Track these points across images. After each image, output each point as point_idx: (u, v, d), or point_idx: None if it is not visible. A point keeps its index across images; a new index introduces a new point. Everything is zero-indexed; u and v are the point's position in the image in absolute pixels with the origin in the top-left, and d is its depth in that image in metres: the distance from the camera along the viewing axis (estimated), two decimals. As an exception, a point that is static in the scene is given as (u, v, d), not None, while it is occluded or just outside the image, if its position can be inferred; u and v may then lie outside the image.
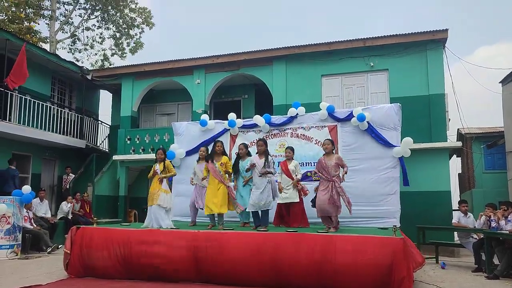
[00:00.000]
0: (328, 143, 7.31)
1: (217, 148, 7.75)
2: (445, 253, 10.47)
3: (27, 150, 13.40)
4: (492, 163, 16.12)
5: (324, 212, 7.07)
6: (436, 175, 11.39)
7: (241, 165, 8.03)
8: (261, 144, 7.71)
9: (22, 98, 12.53)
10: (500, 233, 7.80)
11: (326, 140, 7.46)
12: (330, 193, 6.96)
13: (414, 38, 12.08)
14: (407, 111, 10.57)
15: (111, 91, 17.04)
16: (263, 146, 7.69)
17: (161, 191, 7.54)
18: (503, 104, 13.61)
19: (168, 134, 13.77)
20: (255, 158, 7.69)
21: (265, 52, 13.39)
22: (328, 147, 7.25)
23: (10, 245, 9.23)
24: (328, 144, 7.30)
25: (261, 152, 7.66)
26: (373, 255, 5.75)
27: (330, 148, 7.26)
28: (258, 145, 7.76)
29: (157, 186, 7.58)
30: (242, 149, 8.12)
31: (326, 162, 7.18)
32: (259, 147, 7.71)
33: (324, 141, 7.48)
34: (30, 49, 12.80)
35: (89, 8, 22.47)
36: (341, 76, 12.85)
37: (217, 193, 7.48)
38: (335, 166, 7.12)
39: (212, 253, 6.38)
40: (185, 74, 14.43)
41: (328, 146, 7.27)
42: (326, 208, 6.99)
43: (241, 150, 8.12)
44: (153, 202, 7.53)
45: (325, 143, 7.37)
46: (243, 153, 8.11)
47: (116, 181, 14.75)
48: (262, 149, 7.66)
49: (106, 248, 6.83)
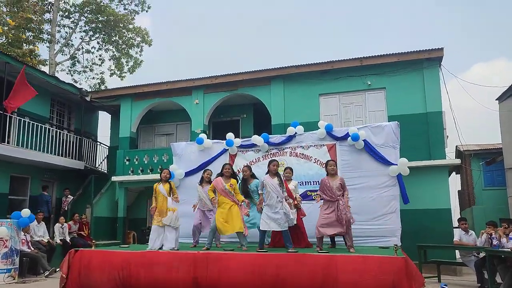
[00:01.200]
0: (334, 164, 7.44)
1: (225, 170, 7.70)
2: (447, 272, 10.37)
3: (25, 172, 13.36)
4: (492, 180, 16.09)
5: (328, 231, 7.04)
6: (436, 193, 11.37)
7: (250, 187, 7.98)
8: (275, 165, 7.62)
9: (21, 120, 12.56)
10: (502, 251, 7.75)
11: (331, 161, 7.57)
12: (337, 212, 6.97)
13: (410, 56, 12.21)
14: (405, 129, 10.60)
15: (110, 112, 17.10)
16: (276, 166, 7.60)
17: (168, 210, 7.51)
18: (500, 121, 13.67)
19: (167, 154, 13.77)
20: (267, 178, 7.51)
21: (263, 72, 13.50)
22: (335, 169, 7.39)
23: (8, 269, 9.12)
24: (333, 165, 7.43)
25: (274, 173, 7.54)
26: (375, 274, 5.69)
27: (336, 170, 7.41)
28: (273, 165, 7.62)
29: (163, 206, 7.56)
30: (246, 171, 8.08)
31: (330, 182, 7.22)
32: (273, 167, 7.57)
33: (330, 162, 7.55)
34: (30, 71, 12.89)
35: (89, 30, 22.74)
36: (338, 95, 12.94)
37: (231, 214, 7.35)
38: (339, 186, 7.18)
39: (212, 275, 6.32)
40: (183, 94, 14.51)
41: (334, 168, 7.40)
42: (334, 226, 6.98)
43: (245, 172, 8.08)
44: (160, 222, 7.49)
45: (331, 164, 7.46)
46: (247, 175, 8.07)
47: (115, 202, 14.67)
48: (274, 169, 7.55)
49: (105, 271, 6.76)
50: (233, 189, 7.52)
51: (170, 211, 7.48)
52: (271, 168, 7.56)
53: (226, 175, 7.65)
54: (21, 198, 13.37)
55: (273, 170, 7.53)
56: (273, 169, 7.54)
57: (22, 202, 13.34)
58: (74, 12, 22.30)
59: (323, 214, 7.17)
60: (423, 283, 6.75)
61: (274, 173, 7.52)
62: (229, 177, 7.66)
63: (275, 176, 7.49)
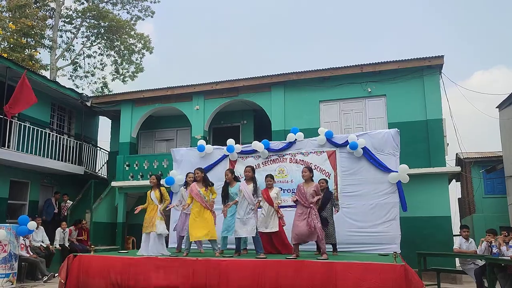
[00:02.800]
0: (306, 171, 7.38)
1: (197, 175, 7.77)
2: (446, 280, 10.33)
3: (25, 177, 13.36)
4: (492, 188, 16.09)
5: (302, 238, 7.01)
6: (435, 200, 11.34)
7: (231, 191, 7.90)
8: (248, 170, 7.75)
9: (22, 125, 12.57)
10: (502, 259, 7.72)
11: (305, 168, 7.53)
12: (307, 219, 6.95)
13: (411, 64, 12.22)
14: (405, 136, 10.61)
15: (110, 118, 17.12)
16: (250, 172, 7.73)
17: (156, 218, 7.53)
18: (501, 129, 13.69)
19: (167, 160, 13.77)
20: (242, 185, 7.67)
21: (263, 79, 13.52)
22: (305, 175, 7.33)
23: (6, 274, 9.07)
24: (306, 171, 7.37)
25: (248, 178, 7.67)
26: (374, 282, 5.68)
27: (308, 175, 7.33)
28: (246, 171, 7.80)
29: (153, 213, 7.57)
30: (227, 175, 8.04)
31: (304, 189, 7.20)
32: (246, 173, 7.73)
33: (303, 169, 7.52)
34: (30, 76, 12.91)
35: (91, 35, 22.82)
36: (339, 102, 12.95)
37: (203, 219, 7.45)
38: (313, 193, 7.13)
39: (211, 281, 6.29)
40: (184, 100, 14.53)
41: (306, 173, 7.34)
42: (306, 234, 6.95)
43: (227, 176, 8.02)
44: (150, 229, 7.48)
45: (303, 171, 7.43)
46: (230, 179, 8.03)
47: (114, 208, 14.64)
48: (249, 175, 7.68)
49: (103, 277, 6.74)
50: (208, 193, 7.63)
51: (158, 219, 7.53)
52: (245, 174, 7.72)
53: (198, 180, 7.73)
54: (21, 202, 13.35)
55: (246, 176, 7.71)
56: (246, 175, 7.71)
57: (21, 207, 13.32)
58: (76, 18, 22.39)
59: (295, 222, 7.13)
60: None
61: (248, 179, 7.64)
62: (201, 181, 7.72)
63: (250, 182, 7.59)
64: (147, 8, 23.70)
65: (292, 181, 9.81)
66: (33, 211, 13.03)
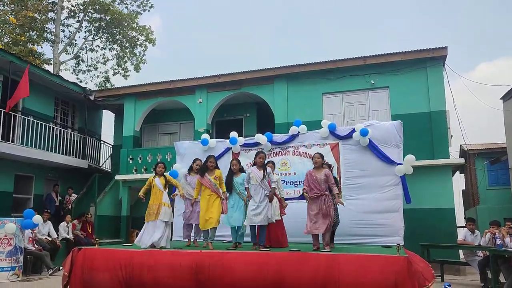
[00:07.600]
0: (319, 157, 7.21)
1: (210, 164, 7.69)
2: (450, 272, 10.34)
3: (29, 171, 13.43)
4: (496, 179, 16.04)
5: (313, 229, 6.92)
6: (439, 192, 11.33)
7: (236, 181, 7.77)
8: (262, 157, 7.52)
9: (25, 119, 12.62)
10: (505, 250, 7.72)
11: (317, 154, 7.34)
12: (322, 206, 6.85)
13: (414, 55, 12.16)
14: (409, 128, 10.57)
15: (113, 111, 17.15)
16: (263, 159, 7.52)
17: (162, 205, 7.35)
18: (505, 120, 13.62)
19: (170, 153, 13.80)
20: (254, 170, 7.44)
21: (266, 71, 13.50)
22: (318, 161, 7.16)
23: (12, 267, 9.17)
24: (318, 158, 7.20)
25: (260, 165, 7.48)
26: (377, 274, 5.67)
27: (320, 162, 7.17)
28: (260, 157, 7.52)
29: (158, 200, 7.37)
30: (235, 165, 7.97)
31: (316, 175, 7.07)
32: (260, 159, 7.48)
33: (315, 154, 7.33)
34: (34, 70, 12.95)
35: (93, 30, 22.75)
36: (342, 94, 12.92)
37: (212, 207, 7.39)
38: (325, 180, 7.02)
39: (215, 274, 6.31)
40: (187, 93, 14.53)
41: (318, 160, 7.17)
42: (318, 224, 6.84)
43: (235, 166, 7.97)
44: (154, 217, 7.32)
45: (315, 156, 7.24)
46: (236, 169, 7.96)
47: (119, 201, 14.72)
48: (261, 162, 7.46)
49: (108, 270, 6.76)
50: (218, 181, 7.55)
51: (166, 206, 7.40)
52: (257, 161, 7.47)
53: (210, 168, 7.65)
54: (26, 196, 13.44)
55: (259, 162, 7.45)
56: (259, 162, 7.45)
57: (26, 201, 13.41)
58: (78, 12, 22.33)
59: (309, 214, 7.04)
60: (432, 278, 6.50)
61: (260, 166, 7.43)
62: (213, 169, 7.66)
63: (261, 169, 7.40)
64: (146, 1, 23.47)
65: (295, 173, 9.81)
66: (38, 205, 13.10)
